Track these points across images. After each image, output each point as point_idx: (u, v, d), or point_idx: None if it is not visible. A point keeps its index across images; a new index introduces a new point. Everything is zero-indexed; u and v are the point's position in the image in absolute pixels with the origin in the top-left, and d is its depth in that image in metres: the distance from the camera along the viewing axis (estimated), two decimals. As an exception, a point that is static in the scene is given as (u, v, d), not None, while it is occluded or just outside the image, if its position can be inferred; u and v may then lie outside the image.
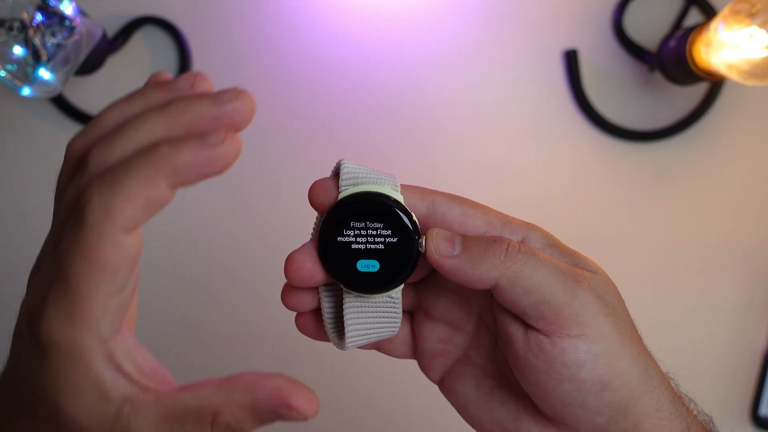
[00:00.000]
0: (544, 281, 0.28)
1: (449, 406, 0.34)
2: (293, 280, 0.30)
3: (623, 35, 0.69)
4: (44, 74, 0.57)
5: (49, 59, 0.57)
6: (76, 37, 0.57)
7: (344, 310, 0.31)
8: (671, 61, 0.65)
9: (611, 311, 0.29)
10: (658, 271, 0.71)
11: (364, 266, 0.30)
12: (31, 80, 0.57)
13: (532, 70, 0.69)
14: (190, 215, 0.68)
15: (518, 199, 0.70)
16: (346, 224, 0.30)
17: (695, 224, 0.71)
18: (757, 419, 0.70)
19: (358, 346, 0.32)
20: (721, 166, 0.71)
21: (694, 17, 0.69)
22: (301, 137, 0.68)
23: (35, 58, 0.56)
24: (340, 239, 0.30)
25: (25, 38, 0.56)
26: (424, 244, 0.30)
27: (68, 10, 0.56)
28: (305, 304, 0.32)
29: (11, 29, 0.56)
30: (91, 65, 0.63)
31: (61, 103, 0.66)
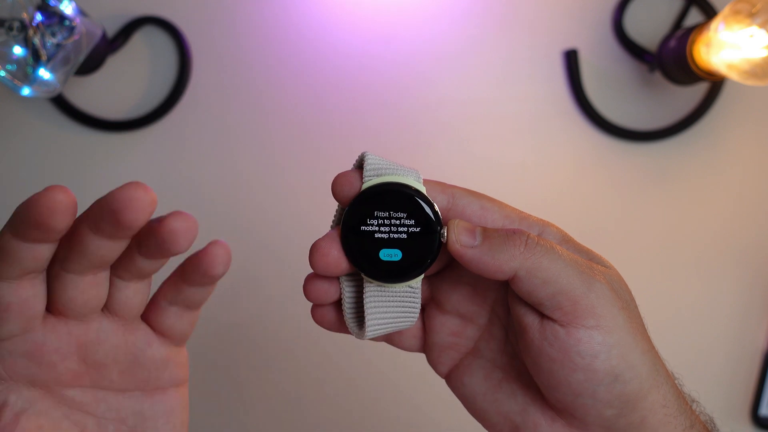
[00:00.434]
0: (562, 272, 0.29)
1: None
2: (318, 268, 0.31)
3: (623, 35, 0.69)
4: (44, 74, 0.57)
5: (49, 59, 0.57)
6: (76, 37, 0.57)
7: (365, 298, 0.31)
8: (671, 61, 0.65)
9: (624, 305, 0.30)
10: (657, 270, 0.71)
11: (386, 255, 0.30)
12: (31, 80, 0.57)
13: (532, 70, 0.69)
14: (195, 212, 0.68)
15: (518, 198, 0.70)
16: (370, 213, 0.30)
17: (695, 224, 0.71)
18: (757, 419, 0.70)
19: (377, 336, 0.32)
20: (720, 166, 0.71)
21: (694, 17, 0.69)
22: (300, 137, 0.68)
23: (35, 58, 0.56)
24: (363, 228, 0.30)
25: (25, 38, 0.56)
26: (446, 234, 0.30)
27: (68, 10, 0.56)
28: (327, 295, 0.32)
29: (11, 29, 0.56)
30: (91, 65, 0.63)
31: (61, 103, 0.66)
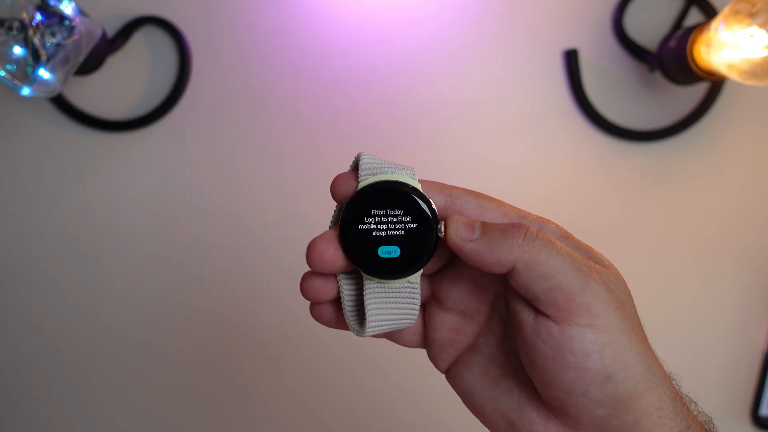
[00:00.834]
0: (559, 268, 0.29)
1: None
2: (315, 265, 0.31)
3: (623, 35, 0.69)
4: (44, 74, 0.57)
5: (48, 59, 0.57)
6: (75, 36, 0.57)
7: (365, 296, 0.31)
8: (671, 61, 0.65)
9: (620, 305, 0.30)
10: (657, 270, 0.71)
11: (385, 252, 0.31)
12: (30, 80, 0.57)
13: (532, 70, 0.69)
14: (195, 212, 0.68)
15: (518, 198, 0.69)
16: (366, 212, 0.31)
17: (695, 224, 0.71)
18: (757, 419, 0.70)
19: (377, 333, 0.32)
20: (720, 166, 0.71)
21: (694, 17, 0.69)
22: (300, 136, 0.68)
23: (35, 57, 0.56)
24: (361, 227, 0.30)
25: (24, 38, 0.56)
26: (443, 229, 0.30)
27: (68, 9, 0.56)
28: (324, 293, 0.32)
29: (11, 29, 0.56)
30: (90, 65, 0.63)
31: (60, 103, 0.66)
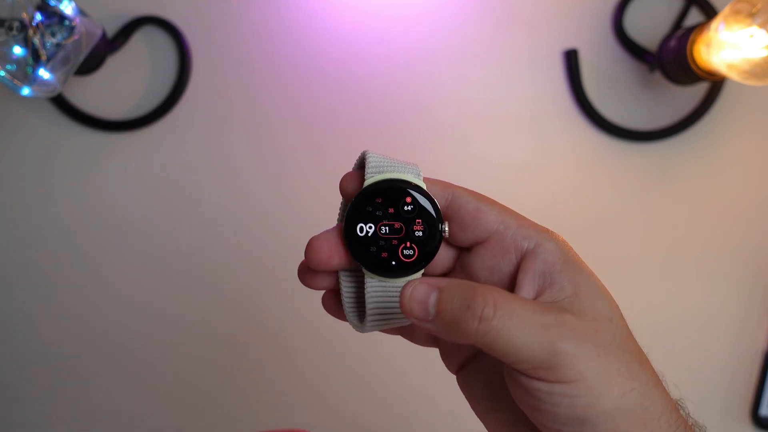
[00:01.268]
0: (521, 345, 0.27)
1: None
2: (313, 264, 0.31)
3: (623, 35, 0.69)
4: (44, 74, 0.57)
5: (48, 59, 0.57)
6: (75, 36, 0.57)
7: (366, 293, 0.31)
8: (671, 61, 0.65)
9: (601, 351, 0.28)
10: (657, 271, 0.71)
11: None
12: (30, 80, 0.57)
13: (532, 70, 0.69)
14: (195, 211, 0.68)
15: (518, 198, 0.70)
16: (371, 210, 0.30)
17: (695, 224, 0.71)
18: (757, 420, 0.70)
19: (376, 329, 0.33)
20: (720, 166, 0.71)
21: (694, 17, 0.69)
22: (300, 136, 0.68)
23: (35, 57, 0.56)
24: (364, 225, 0.30)
25: (24, 38, 0.56)
26: (447, 229, 0.30)
27: (68, 9, 0.56)
28: (323, 284, 0.33)
29: (11, 29, 0.56)
30: (90, 65, 0.63)
31: (60, 103, 0.66)
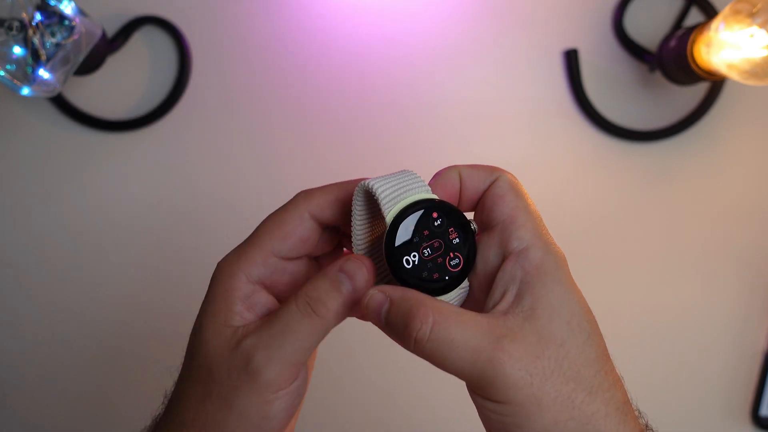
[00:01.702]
0: (452, 366, 0.29)
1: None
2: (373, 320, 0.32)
3: (623, 35, 0.69)
4: (44, 74, 0.57)
5: (48, 59, 0.57)
6: (75, 36, 0.57)
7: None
8: (671, 61, 0.65)
9: (536, 379, 0.28)
10: (657, 271, 0.71)
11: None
12: (30, 80, 0.57)
13: (532, 70, 0.69)
14: (195, 211, 0.68)
15: (518, 199, 0.70)
16: (409, 246, 0.31)
17: (695, 224, 0.71)
18: (757, 420, 0.70)
19: None
20: (721, 166, 0.71)
21: (694, 17, 0.69)
22: (300, 136, 0.68)
23: (35, 57, 0.56)
24: (408, 259, 0.31)
25: (24, 38, 0.56)
26: (475, 226, 0.32)
27: (68, 9, 0.56)
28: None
29: (11, 29, 0.56)
30: (90, 65, 0.63)
31: (60, 103, 0.66)
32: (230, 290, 0.32)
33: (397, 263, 0.31)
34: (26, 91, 0.57)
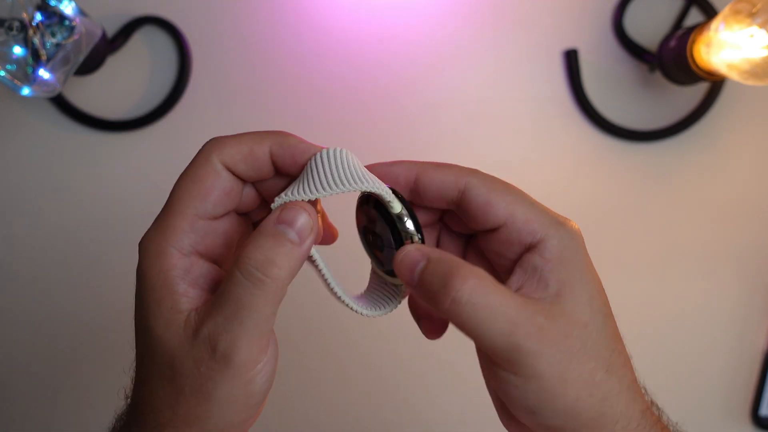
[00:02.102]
0: (486, 335, 0.28)
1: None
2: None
3: (623, 35, 0.69)
4: (44, 74, 0.57)
5: (48, 59, 0.57)
6: (75, 36, 0.57)
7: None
8: (671, 61, 0.65)
9: (564, 357, 0.29)
10: (657, 271, 0.71)
11: None
12: (30, 80, 0.57)
13: (532, 70, 0.69)
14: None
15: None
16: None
17: (695, 224, 0.71)
18: (757, 420, 0.70)
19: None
20: (720, 166, 0.71)
21: (694, 17, 0.69)
22: (300, 136, 0.68)
23: (35, 58, 0.56)
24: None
25: (24, 38, 0.56)
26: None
27: (68, 9, 0.56)
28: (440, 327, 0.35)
29: (11, 29, 0.56)
30: (90, 65, 0.63)
31: (60, 103, 0.66)
32: (166, 270, 0.29)
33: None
34: (26, 91, 0.57)
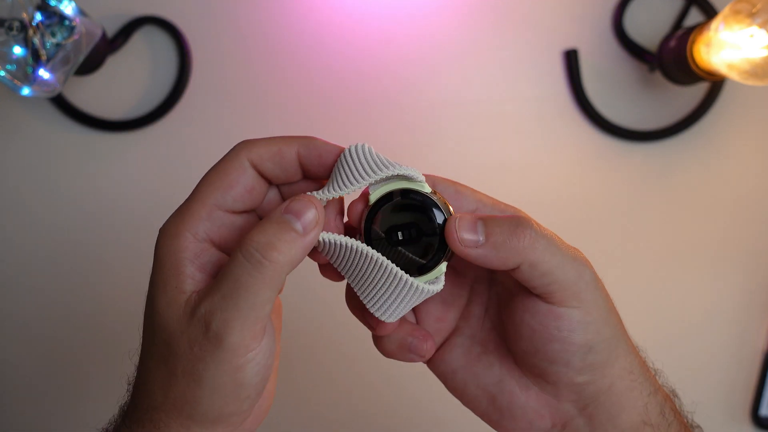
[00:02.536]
0: (559, 265, 0.30)
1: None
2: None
3: (623, 35, 0.69)
4: (44, 74, 0.57)
5: (48, 59, 0.57)
6: (75, 36, 0.57)
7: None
8: (671, 61, 0.65)
9: (602, 286, 0.32)
10: (657, 271, 0.71)
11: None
12: (30, 80, 0.57)
13: (532, 70, 0.69)
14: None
15: (518, 198, 0.69)
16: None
17: (695, 224, 0.71)
18: (757, 419, 0.70)
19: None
20: (721, 166, 0.71)
21: (694, 17, 0.69)
22: (301, 137, 0.68)
23: (35, 58, 0.56)
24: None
25: (24, 38, 0.56)
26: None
27: (68, 9, 0.56)
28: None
29: (11, 29, 0.56)
30: (90, 65, 0.63)
31: (60, 103, 0.66)
32: (177, 251, 0.30)
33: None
34: (26, 91, 0.57)
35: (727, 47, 0.59)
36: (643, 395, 0.32)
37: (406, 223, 0.32)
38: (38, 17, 0.56)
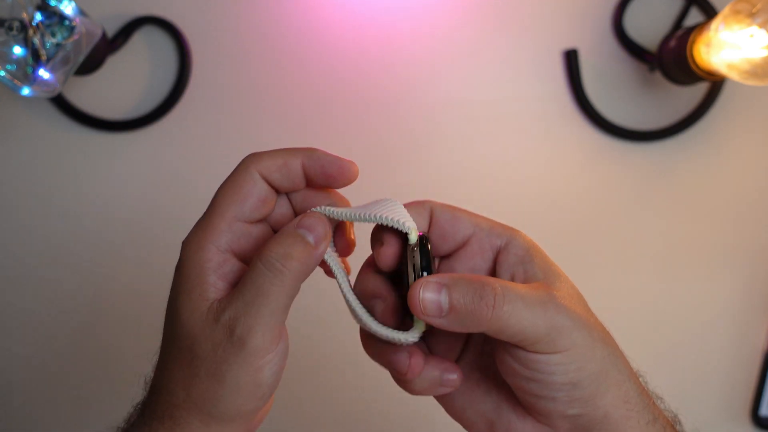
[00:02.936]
0: (527, 324, 0.30)
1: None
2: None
3: (623, 35, 0.69)
4: (44, 74, 0.57)
5: (48, 59, 0.57)
6: (75, 36, 0.57)
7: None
8: (671, 61, 0.65)
9: (583, 322, 0.31)
10: (657, 271, 0.71)
11: None
12: (30, 80, 0.57)
13: (532, 70, 0.69)
14: (195, 211, 0.68)
15: (518, 199, 0.70)
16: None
17: (695, 224, 0.71)
18: (757, 419, 0.70)
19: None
20: (721, 166, 0.71)
21: (694, 17, 0.69)
22: (300, 137, 0.68)
23: (35, 58, 0.56)
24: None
25: (24, 38, 0.56)
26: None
27: (68, 9, 0.56)
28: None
29: (11, 29, 0.56)
30: (90, 65, 0.63)
31: (60, 103, 0.66)
32: (202, 262, 0.32)
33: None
34: (26, 91, 0.57)
35: (727, 47, 0.59)
36: (640, 424, 0.32)
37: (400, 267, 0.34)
38: (38, 17, 0.56)
